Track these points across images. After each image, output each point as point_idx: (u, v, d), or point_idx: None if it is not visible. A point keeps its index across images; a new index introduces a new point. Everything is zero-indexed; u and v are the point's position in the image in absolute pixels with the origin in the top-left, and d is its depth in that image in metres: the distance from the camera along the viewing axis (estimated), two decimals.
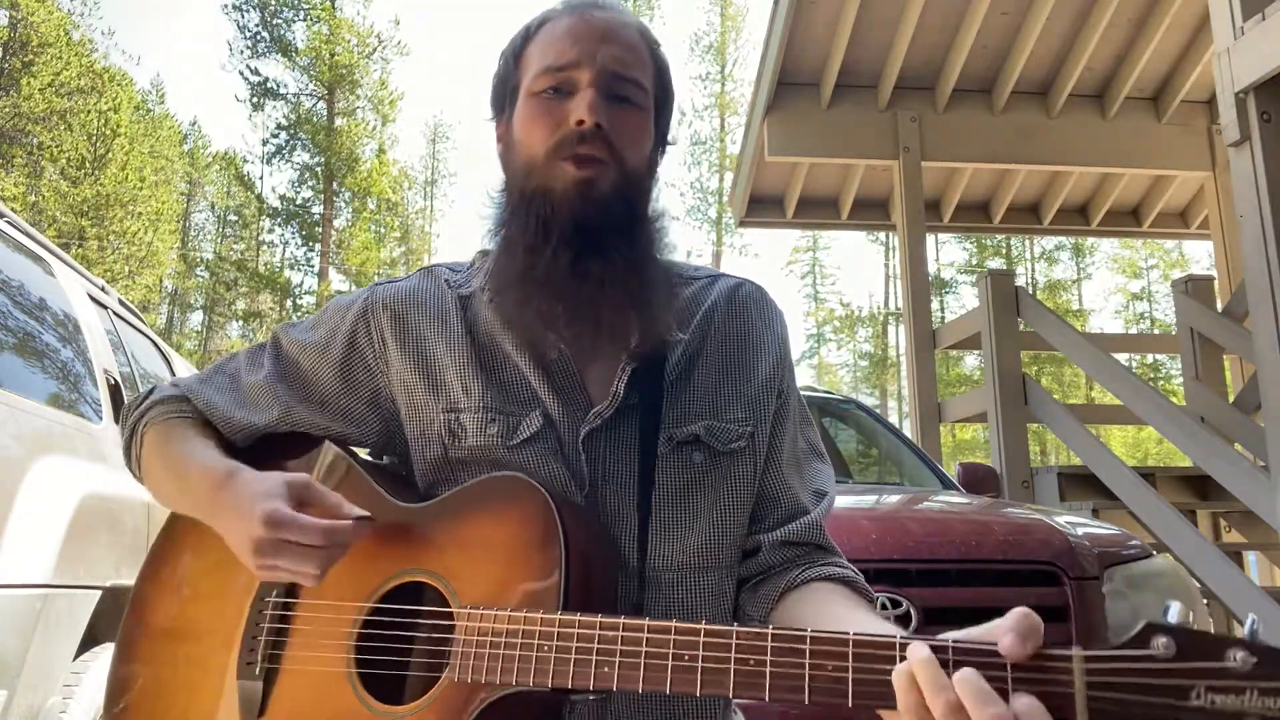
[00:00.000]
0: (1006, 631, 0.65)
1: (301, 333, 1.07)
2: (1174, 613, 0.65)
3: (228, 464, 0.96)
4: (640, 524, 0.95)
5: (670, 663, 0.75)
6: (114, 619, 2.35)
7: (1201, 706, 0.60)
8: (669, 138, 1.05)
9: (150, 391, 1.09)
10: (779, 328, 1.07)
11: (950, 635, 0.67)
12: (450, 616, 0.86)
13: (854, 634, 0.70)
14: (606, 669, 0.77)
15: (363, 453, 1.09)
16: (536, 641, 0.80)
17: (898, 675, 0.66)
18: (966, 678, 0.63)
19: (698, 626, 0.75)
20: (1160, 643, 0.62)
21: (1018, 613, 0.65)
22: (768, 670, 0.72)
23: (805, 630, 0.72)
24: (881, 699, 0.68)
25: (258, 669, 0.93)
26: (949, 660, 0.65)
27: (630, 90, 0.96)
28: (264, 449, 1.06)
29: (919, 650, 0.66)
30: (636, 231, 0.96)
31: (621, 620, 0.78)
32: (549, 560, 0.83)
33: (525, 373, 0.98)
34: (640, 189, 0.97)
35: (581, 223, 0.92)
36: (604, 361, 0.98)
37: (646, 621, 0.77)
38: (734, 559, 1.00)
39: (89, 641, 2.25)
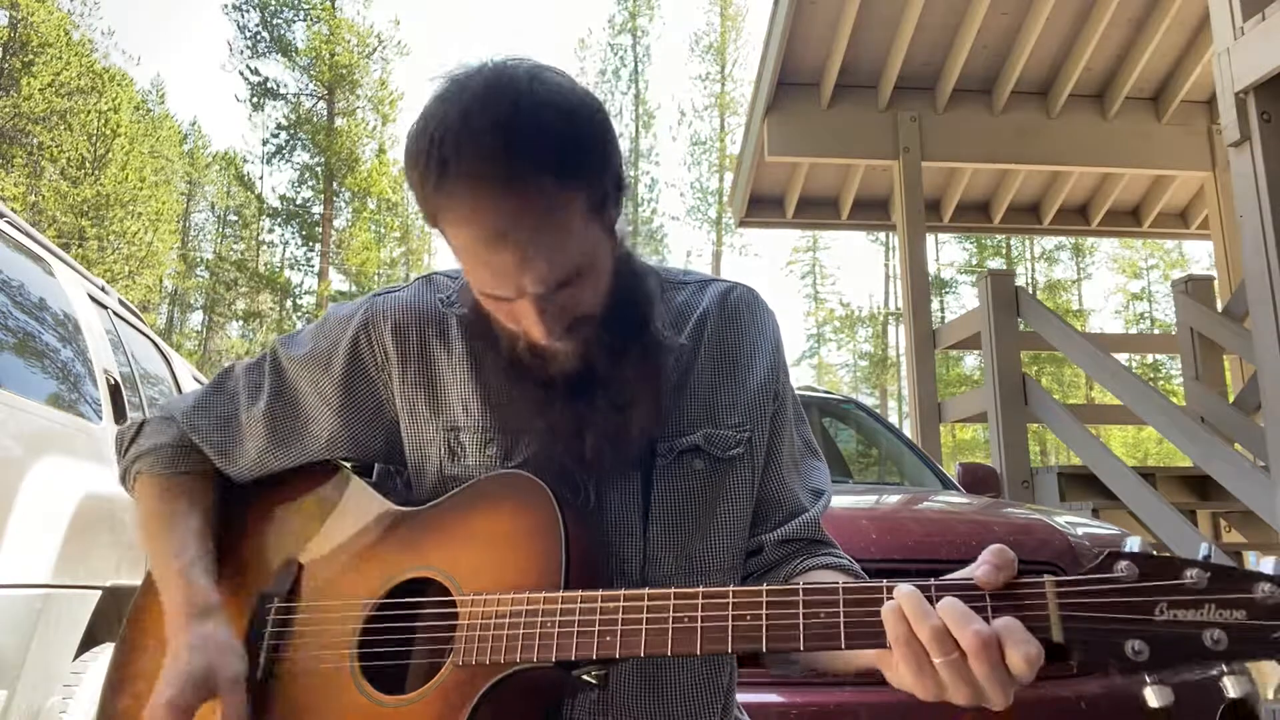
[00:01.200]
0: (981, 564, 0.71)
1: (301, 348, 1.04)
2: (1135, 544, 0.70)
3: (205, 599, 0.95)
4: (643, 533, 0.95)
5: (670, 626, 0.77)
6: (114, 619, 2.35)
7: (1166, 620, 0.65)
8: (622, 176, 0.90)
9: (143, 425, 1.06)
10: (771, 330, 1.07)
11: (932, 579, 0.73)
12: (452, 605, 0.86)
13: (843, 583, 0.75)
14: (609, 638, 0.78)
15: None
16: (540, 619, 0.81)
17: (886, 610, 0.71)
18: (948, 602, 0.69)
19: (695, 590, 0.78)
20: (1122, 566, 0.68)
21: (992, 548, 0.71)
22: (764, 623, 0.75)
23: (798, 584, 0.76)
24: (872, 638, 0.72)
25: (259, 672, 0.93)
26: (932, 596, 0.70)
27: (571, 272, 0.84)
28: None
29: (904, 587, 0.71)
30: (623, 343, 0.92)
31: (622, 592, 0.79)
32: (550, 544, 0.84)
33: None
34: (610, 309, 0.91)
35: (548, 378, 0.90)
36: None
37: (646, 591, 0.79)
38: (736, 563, 1.01)
39: (89, 641, 2.24)
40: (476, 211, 0.79)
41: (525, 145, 0.78)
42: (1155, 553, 0.68)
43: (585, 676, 0.83)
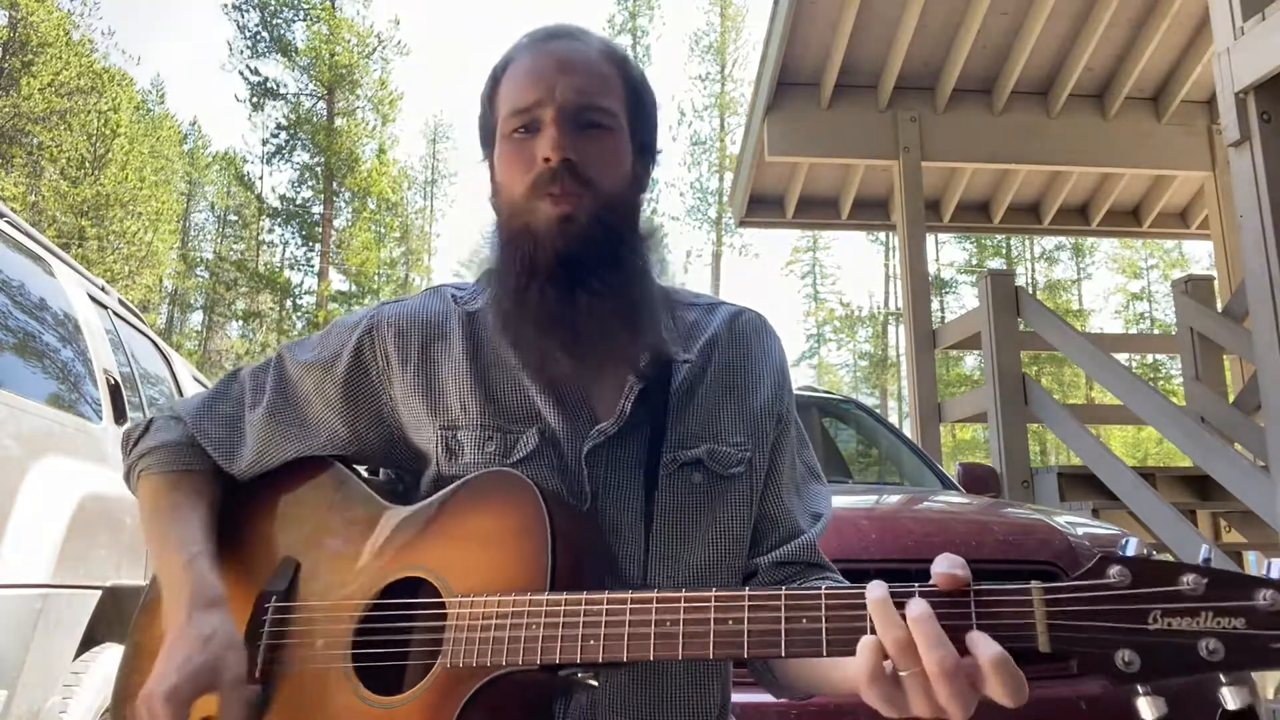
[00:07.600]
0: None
1: (306, 352, 1.07)
2: (1131, 546, 0.67)
3: (211, 591, 0.95)
4: (642, 541, 0.96)
5: (653, 630, 0.77)
6: (114, 619, 2.35)
7: (1159, 630, 0.63)
8: (657, 147, 1.06)
9: (151, 422, 1.08)
10: (777, 355, 1.10)
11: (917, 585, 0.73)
12: (442, 606, 0.86)
13: (826, 589, 0.74)
14: (592, 641, 0.78)
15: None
16: (525, 621, 0.81)
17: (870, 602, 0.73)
18: (921, 615, 0.70)
19: (678, 594, 0.77)
20: (1115, 571, 0.65)
21: (942, 555, 0.74)
22: (745, 628, 0.74)
23: (780, 589, 0.75)
24: (854, 647, 0.71)
25: (257, 672, 0.94)
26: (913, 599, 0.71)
27: (597, 116, 0.96)
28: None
29: (875, 590, 0.73)
30: (623, 254, 0.96)
31: (605, 595, 0.79)
32: (536, 545, 0.84)
33: (529, 390, 0.99)
34: (623, 211, 0.98)
35: (564, 257, 0.93)
36: (609, 378, 0.98)
37: (630, 594, 0.79)
38: (732, 581, 1.01)
39: (89, 641, 2.24)
40: (539, 42, 1.01)
41: (589, 33, 1.03)
42: (1152, 556, 0.66)
43: (580, 678, 0.83)
